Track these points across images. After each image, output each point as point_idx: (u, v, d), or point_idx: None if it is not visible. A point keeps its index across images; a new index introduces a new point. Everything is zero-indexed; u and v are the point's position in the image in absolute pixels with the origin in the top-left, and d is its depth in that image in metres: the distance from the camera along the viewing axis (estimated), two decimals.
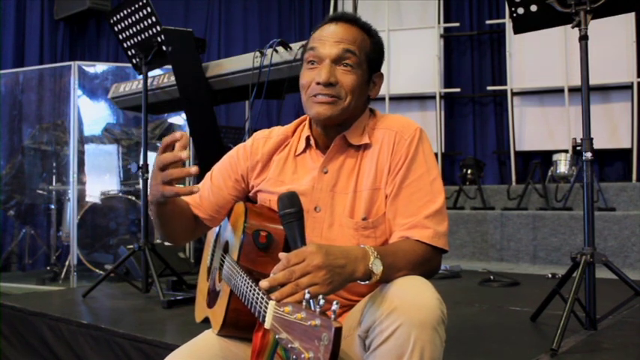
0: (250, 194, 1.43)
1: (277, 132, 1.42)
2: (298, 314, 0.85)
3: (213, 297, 1.39)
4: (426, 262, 1.18)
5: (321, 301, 0.84)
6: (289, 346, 0.85)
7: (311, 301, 0.87)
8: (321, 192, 1.31)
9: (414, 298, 1.01)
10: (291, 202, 1.11)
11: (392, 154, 1.26)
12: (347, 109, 1.27)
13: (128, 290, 3.08)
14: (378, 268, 1.05)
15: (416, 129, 1.28)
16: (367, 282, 1.06)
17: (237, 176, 1.41)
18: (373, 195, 1.27)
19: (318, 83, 1.25)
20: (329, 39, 1.27)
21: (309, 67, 1.28)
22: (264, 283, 0.96)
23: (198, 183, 1.47)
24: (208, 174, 1.46)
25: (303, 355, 0.81)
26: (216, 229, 1.52)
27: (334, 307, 0.83)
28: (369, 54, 1.30)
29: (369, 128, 1.32)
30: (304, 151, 1.36)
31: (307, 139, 1.36)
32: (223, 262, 1.34)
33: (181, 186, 1.14)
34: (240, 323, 1.21)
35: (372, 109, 1.38)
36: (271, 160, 1.39)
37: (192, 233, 1.44)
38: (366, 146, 1.30)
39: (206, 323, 1.38)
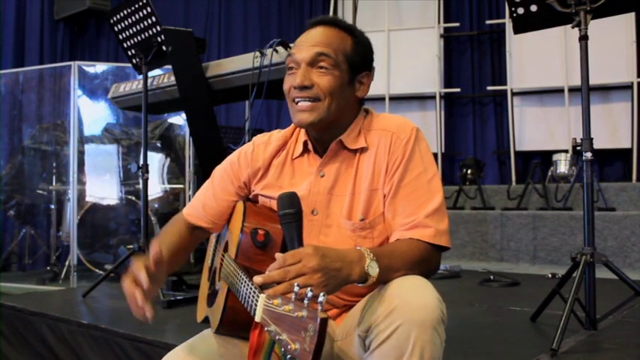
0: (251, 196, 1.43)
1: (276, 136, 1.41)
2: (286, 306, 0.85)
3: (213, 296, 1.39)
4: (425, 262, 1.18)
5: (309, 294, 0.84)
6: (277, 337, 0.85)
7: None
8: (318, 195, 1.31)
9: (414, 298, 1.01)
10: (290, 202, 1.11)
11: (389, 154, 1.26)
12: (328, 112, 1.26)
13: None
14: (374, 270, 1.05)
15: (412, 129, 1.28)
16: (364, 284, 1.06)
17: (240, 183, 1.41)
18: (371, 196, 1.27)
19: (295, 87, 1.26)
20: (305, 43, 1.28)
21: (289, 73, 1.30)
22: (258, 279, 0.97)
23: (202, 183, 1.48)
24: (209, 180, 1.45)
25: (289, 346, 0.82)
26: None
27: (321, 298, 0.83)
28: (350, 55, 1.29)
29: (364, 130, 1.32)
30: (302, 154, 1.36)
31: (305, 143, 1.35)
32: (223, 261, 1.34)
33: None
34: (238, 321, 1.21)
35: (366, 109, 1.37)
36: (271, 165, 1.39)
37: (193, 247, 1.49)
38: (363, 149, 1.30)
39: (207, 323, 1.38)
